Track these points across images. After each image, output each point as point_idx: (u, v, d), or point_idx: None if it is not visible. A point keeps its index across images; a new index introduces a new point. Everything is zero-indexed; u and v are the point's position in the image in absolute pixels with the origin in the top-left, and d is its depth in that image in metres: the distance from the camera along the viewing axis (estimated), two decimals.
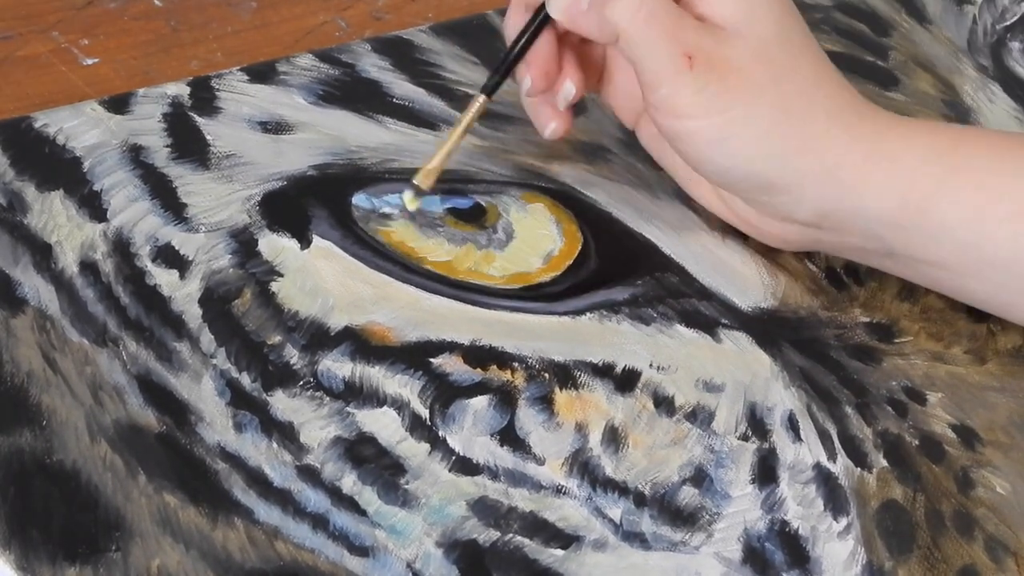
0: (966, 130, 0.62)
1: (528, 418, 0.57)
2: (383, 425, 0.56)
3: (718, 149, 0.57)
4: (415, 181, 0.61)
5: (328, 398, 0.56)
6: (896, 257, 0.60)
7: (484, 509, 0.54)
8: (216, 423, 0.55)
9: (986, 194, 0.57)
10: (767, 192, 0.59)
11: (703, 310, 0.61)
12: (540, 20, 0.60)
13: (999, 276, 0.58)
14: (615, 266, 0.62)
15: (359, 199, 0.63)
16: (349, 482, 0.54)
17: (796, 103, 0.57)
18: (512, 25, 0.61)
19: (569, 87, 0.61)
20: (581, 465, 0.56)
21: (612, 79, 0.63)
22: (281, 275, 0.60)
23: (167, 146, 0.63)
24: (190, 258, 0.60)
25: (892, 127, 0.59)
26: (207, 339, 0.57)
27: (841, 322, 0.62)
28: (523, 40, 0.60)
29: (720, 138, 0.57)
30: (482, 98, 0.61)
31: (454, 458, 0.55)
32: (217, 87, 0.66)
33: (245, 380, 0.56)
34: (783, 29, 0.58)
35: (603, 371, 0.59)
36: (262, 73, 0.67)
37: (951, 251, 0.58)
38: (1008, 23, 0.78)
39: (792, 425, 0.58)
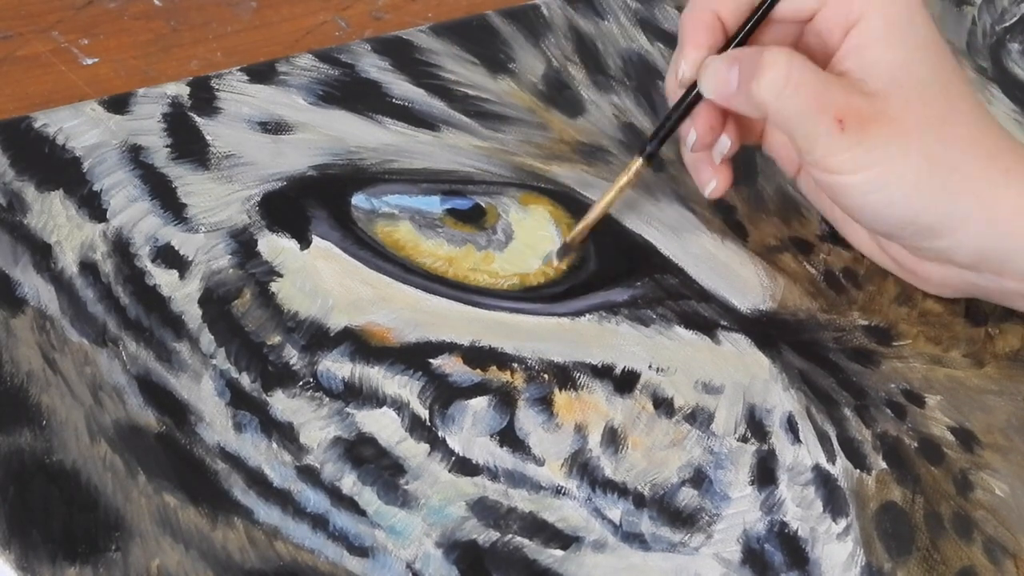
0: None
1: (528, 419, 0.57)
2: (383, 426, 0.56)
3: (875, 199, 0.58)
4: (566, 239, 0.62)
5: (328, 398, 0.56)
6: None
7: (484, 510, 0.54)
8: (216, 423, 0.55)
9: None
10: (925, 237, 0.59)
11: (702, 312, 0.62)
12: (694, 95, 0.61)
13: None
14: (614, 268, 0.63)
15: (359, 200, 0.63)
16: (349, 482, 0.54)
17: (952, 148, 0.57)
18: (671, 89, 0.62)
19: (725, 141, 0.62)
20: (581, 466, 0.56)
21: (772, 133, 0.64)
22: (281, 275, 0.60)
23: (167, 146, 0.63)
24: (190, 258, 0.60)
25: None
26: (207, 339, 0.57)
27: (840, 325, 0.62)
28: (680, 111, 0.61)
29: (876, 189, 0.57)
30: (640, 161, 0.62)
31: (454, 459, 0.55)
32: (217, 87, 0.66)
33: (245, 380, 0.56)
34: (939, 76, 0.58)
35: (602, 372, 0.59)
36: (262, 73, 0.67)
37: None
38: (1007, 24, 0.78)
39: (791, 427, 0.58)
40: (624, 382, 0.59)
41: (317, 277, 0.60)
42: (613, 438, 0.57)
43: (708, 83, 0.60)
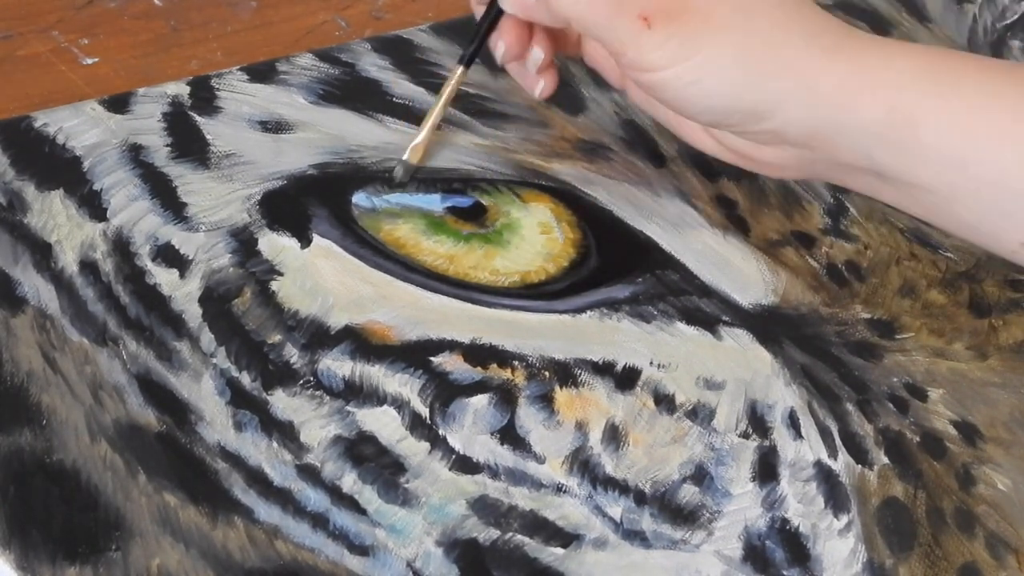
0: (951, 52, 0.62)
1: (528, 416, 0.57)
2: (383, 424, 0.56)
3: (695, 90, 0.58)
4: (404, 157, 0.63)
5: (328, 397, 0.56)
6: (885, 179, 0.59)
7: (484, 508, 0.54)
8: (216, 422, 0.55)
9: (973, 112, 0.57)
10: (753, 121, 0.59)
11: (704, 307, 0.61)
12: (496, 11, 0.62)
13: (986, 198, 0.58)
14: (615, 264, 0.62)
15: (359, 198, 0.63)
16: (349, 481, 0.54)
17: (769, 33, 0.58)
18: (473, 3, 0.64)
19: (537, 53, 0.63)
20: (581, 463, 0.56)
21: (588, 43, 0.64)
22: (281, 274, 0.60)
23: (167, 145, 0.63)
24: (190, 257, 0.60)
25: (873, 47, 0.59)
26: (207, 338, 0.57)
27: (842, 319, 0.62)
28: (483, 28, 0.63)
29: (695, 79, 0.58)
30: (460, 69, 0.64)
31: (454, 457, 0.55)
32: (217, 87, 0.66)
33: (245, 379, 0.56)
34: None
35: (603, 369, 0.59)
36: (262, 73, 0.67)
37: (938, 171, 0.58)
38: (1008, 22, 0.77)
39: (793, 422, 0.58)
40: (625, 379, 0.58)
41: (318, 275, 0.60)
42: (614, 435, 0.57)
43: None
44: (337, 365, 0.57)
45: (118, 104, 0.65)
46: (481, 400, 0.57)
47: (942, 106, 0.57)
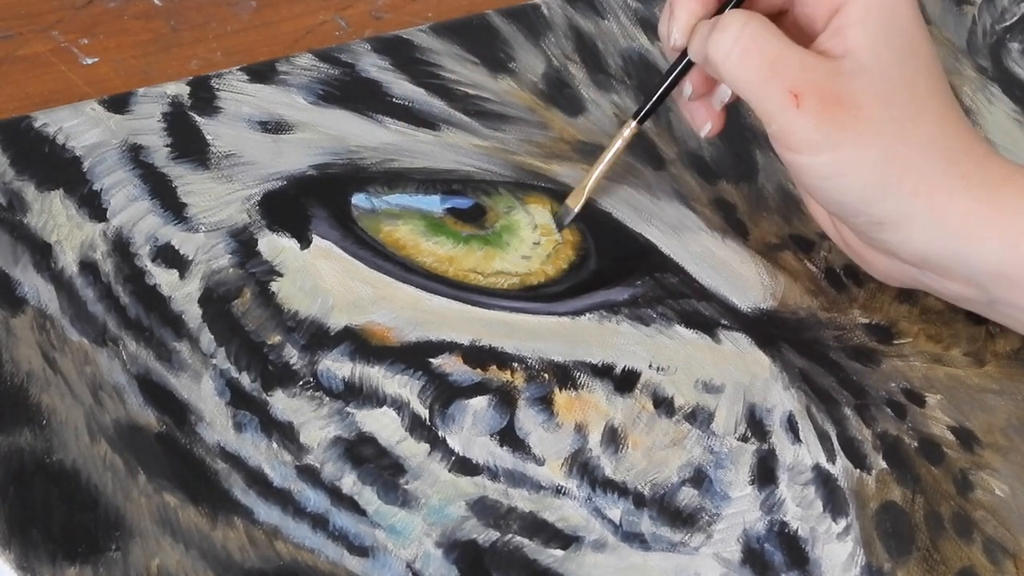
0: None
1: (528, 418, 0.57)
2: (383, 425, 0.56)
3: (831, 184, 0.57)
4: (567, 202, 0.63)
5: (328, 398, 0.56)
6: (997, 305, 0.59)
7: (484, 509, 0.54)
8: (216, 423, 0.55)
9: None
10: (875, 229, 0.58)
11: (703, 311, 0.61)
12: (686, 62, 0.61)
13: None
14: (615, 266, 0.63)
15: (359, 199, 0.63)
16: (349, 482, 0.54)
17: (914, 145, 0.57)
18: (665, 51, 0.62)
19: (725, 90, 0.61)
20: (581, 465, 0.56)
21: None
22: (281, 275, 0.60)
23: (167, 146, 0.63)
24: (190, 258, 0.60)
25: (1010, 178, 0.58)
26: (207, 339, 0.57)
27: (840, 323, 0.62)
28: (672, 78, 0.61)
29: (833, 174, 0.57)
30: (633, 124, 0.62)
31: (454, 458, 0.55)
32: (217, 87, 0.66)
33: (245, 380, 0.56)
34: (912, 68, 0.57)
35: (603, 372, 0.59)
36: (262, 73, 0.67)
37: None
38: (1008, 24, 0.78)
39: (791, 426, 0.58)
40: (624, 381, 0.59)
41: (317, 276, 0.60)
42: (613, 437, 0.57)
43: (694, 46, 0.59)
44: (337, 366, 0.57)
45: (118, 104, 0.65)
46: (481, 402, 0.57)
47: None
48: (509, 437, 0.56)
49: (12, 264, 0.58)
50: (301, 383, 0.57)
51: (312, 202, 0.62)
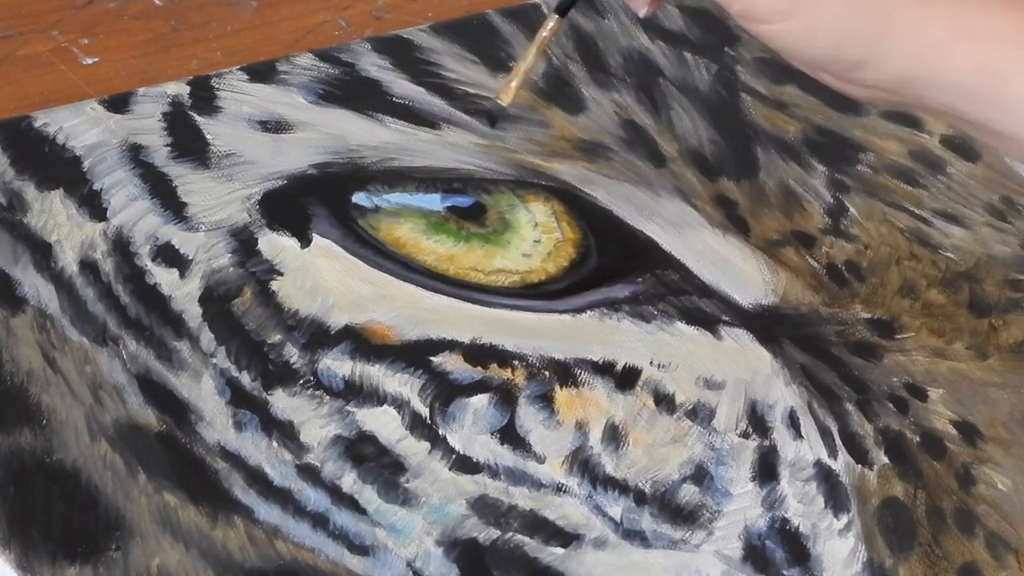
0: None
1: (528, 416, 0.57)
2: (383, 424, 0.56)
3: (803, 43, 0.59)
4: (500, 98, 0.62)
5: (328, 397, 0.56)
6: (971, 125, 0.60)
7: (484, 507, 0.54)
8: (216, 422, 0.55)
9: None
10: (852, 69, 0.60)
11: (704, 307, 0.61)
12: None
13: None
14: (616, 264, 0.62)
15: (359, 198, 0.63)
16: (349, 481, 0.54)
17: None
18: None
19: None
20: (581, 463, 0.56)
21: None
22: (281, 274, 0.60)
23: (167, 145, 0.63)
24: (190, 257, 0.59)
25: (973, 3, 0.59)
26: (207, 338, 0.57)
27: (842, 318, 0.62)
28: None
29: (804, 33, 0.58)
30: (555, 18, 0.62)
31: (454, 456, 0.55)
32: (217, 86, 0.66)
33: (245, 379, 0.56)
34: None
35: (603, 369, 0.59)
36: (262, 72, 0.67)
37: None
38: None
39: (793, 422, 0.58)
40: (625, 379, 0.58)
41: (318, 275, 0.60)
42: (614, 435, 0.57)
43: None
44: (337, 365, 0.57)
45: (118, 104, 0.65)
46: (481, 400, 0.57)
47: None
48: (510, 435, 0.56)
49: (12, 264, 0.58)
50: (301, 382, 0.57)
51: (312, 201, 0.62)
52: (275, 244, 0.60)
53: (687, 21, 0.74)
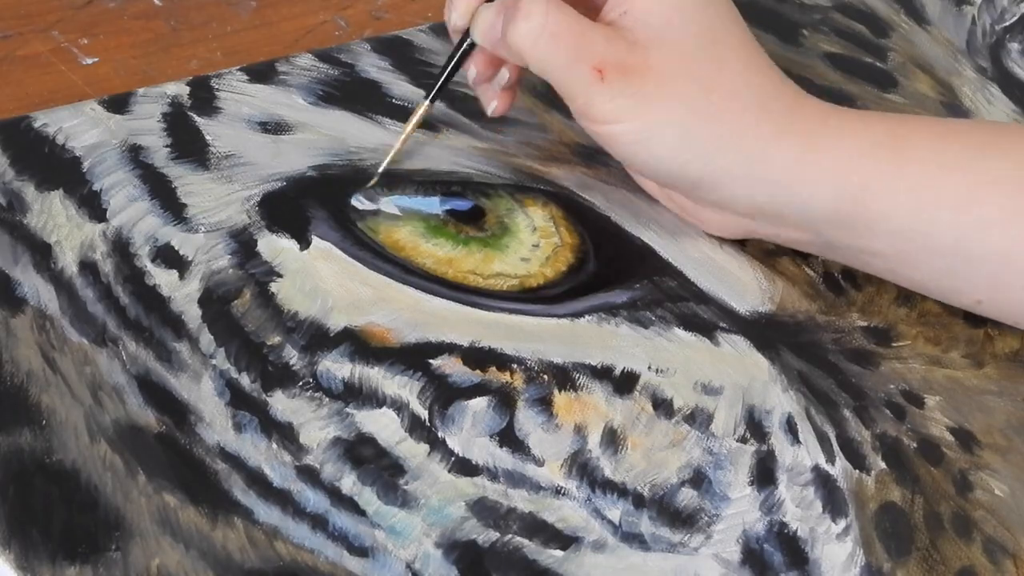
0: (904, 119, 0.62)
1: (527, 419, 0.57)
2: (382, 426, 0.56)
3: (642, 150, 0.58)
4: (371, 184, 0.63)
5: (327, 399, 0.56)
6: (833, 247, 0.61)
7: (483, 510, 0.54)
8: (216, 423, 0.55)
9: (928, 181, 0.58)
10: (696, 188, 0.59)
11: (701, 314, 0.62)
12: (468, 43, 0.62)
13: (941, 263, 0.59)
14: (613, 269, 0.63)
15: (358, 200, 0.63)
16: (348, 482, 0.54)
17: (722, 103, 0.57)
18: (451, 32, 0.63)
19: (504, 73, 0.62)
20: (580, 466, 0.56)
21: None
22: (280, 276, 0.60)
23: (167, 146, 0.63)
24: (189, 258, 0.60)
25: (826, 120, 0.59)
26: (207, 339, 0.57)
27: (839, 326, 0.62)
28: (456, 57, 0.63)
29: (641, 140, 0.58)
30: (426, 104, 0.63)
31: (453, 459, 0.55)
32: (217, 87, 0.66)
33: (245, 380, 0.56)
34: (711, 29, 0.58)
35: (602, 373, 0.59)
36: (262, 73, 0.67)
37: (890, 241, 0.59)
38: (1007, 24, 0.78)
39: (790, 428, 0.58)
40: (623, 383, 0.59)
41: (317, 277, 0.60)
42: (613, 439, 0.57)
43: (478, 29, 0.61)
44: (336, 367, 0.57)
45: (118, 104, 0.65)
46: (480, 403, 0.57)
47: (895, 178, 0.58)
48: (509, 438, 0.56)
49: (12, 264, 0.58)
50: (301, 384, 0.57)
51: (312, 203, 0.62)
52: (274, 246, 0.61)
53: None
